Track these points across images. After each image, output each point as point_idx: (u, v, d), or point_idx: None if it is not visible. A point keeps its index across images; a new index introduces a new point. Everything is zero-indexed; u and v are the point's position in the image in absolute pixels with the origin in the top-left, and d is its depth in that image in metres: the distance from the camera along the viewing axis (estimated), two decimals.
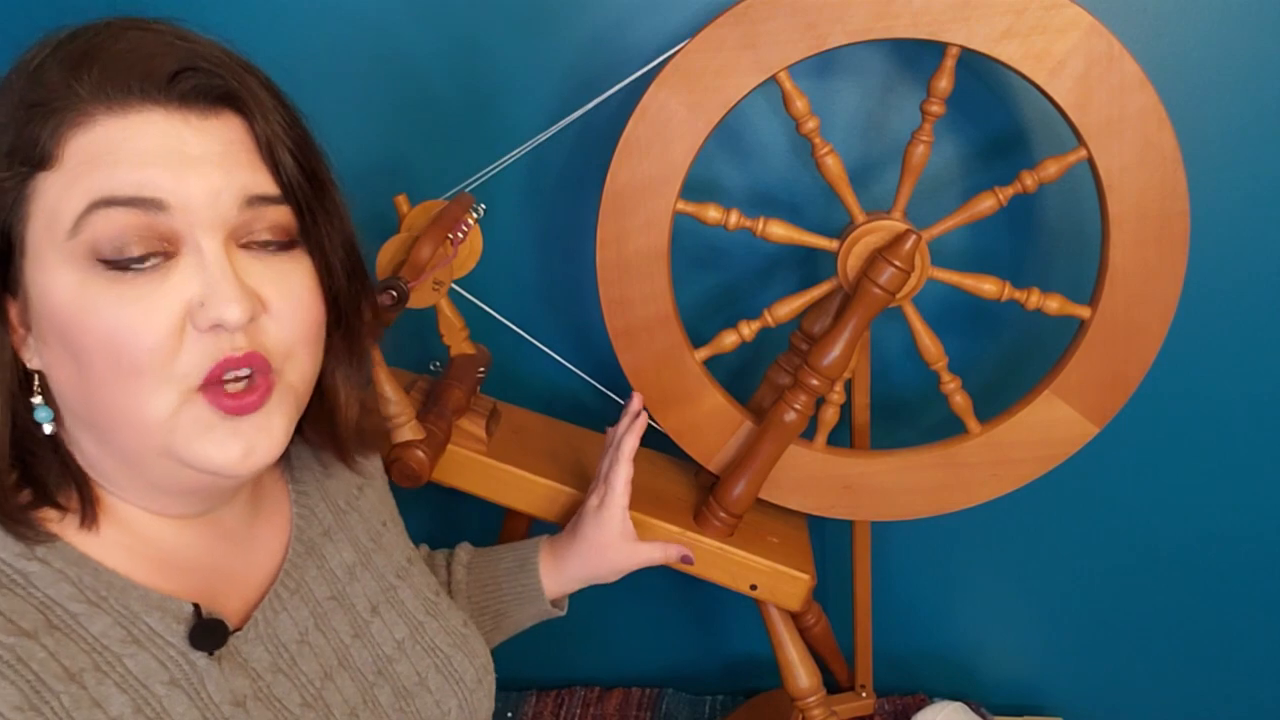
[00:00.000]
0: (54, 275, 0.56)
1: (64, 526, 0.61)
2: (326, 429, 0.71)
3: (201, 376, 0.57)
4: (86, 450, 0.62)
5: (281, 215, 0.61)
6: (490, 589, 0.96)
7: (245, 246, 0.59)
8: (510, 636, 0.99)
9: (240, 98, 0.59)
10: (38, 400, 0.60)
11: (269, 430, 0.60)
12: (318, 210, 0.63)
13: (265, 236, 0.60)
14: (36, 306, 0.58)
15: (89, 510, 0.61)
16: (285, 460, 0.76)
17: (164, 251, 0.57)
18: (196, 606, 0.62)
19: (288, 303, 0.60)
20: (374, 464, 0.86)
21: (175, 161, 0.56)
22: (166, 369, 0.56)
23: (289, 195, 0.61)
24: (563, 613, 0.98)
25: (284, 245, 0.61)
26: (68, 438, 0.62)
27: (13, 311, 0.59)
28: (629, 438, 0.96)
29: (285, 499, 0.74)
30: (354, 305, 0.67)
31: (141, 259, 0.56)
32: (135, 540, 0.63)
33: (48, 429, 0.60)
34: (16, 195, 0.57)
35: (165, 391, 0.57)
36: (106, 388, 0.57)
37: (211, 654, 0.62)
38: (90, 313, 0.56)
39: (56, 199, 0.56)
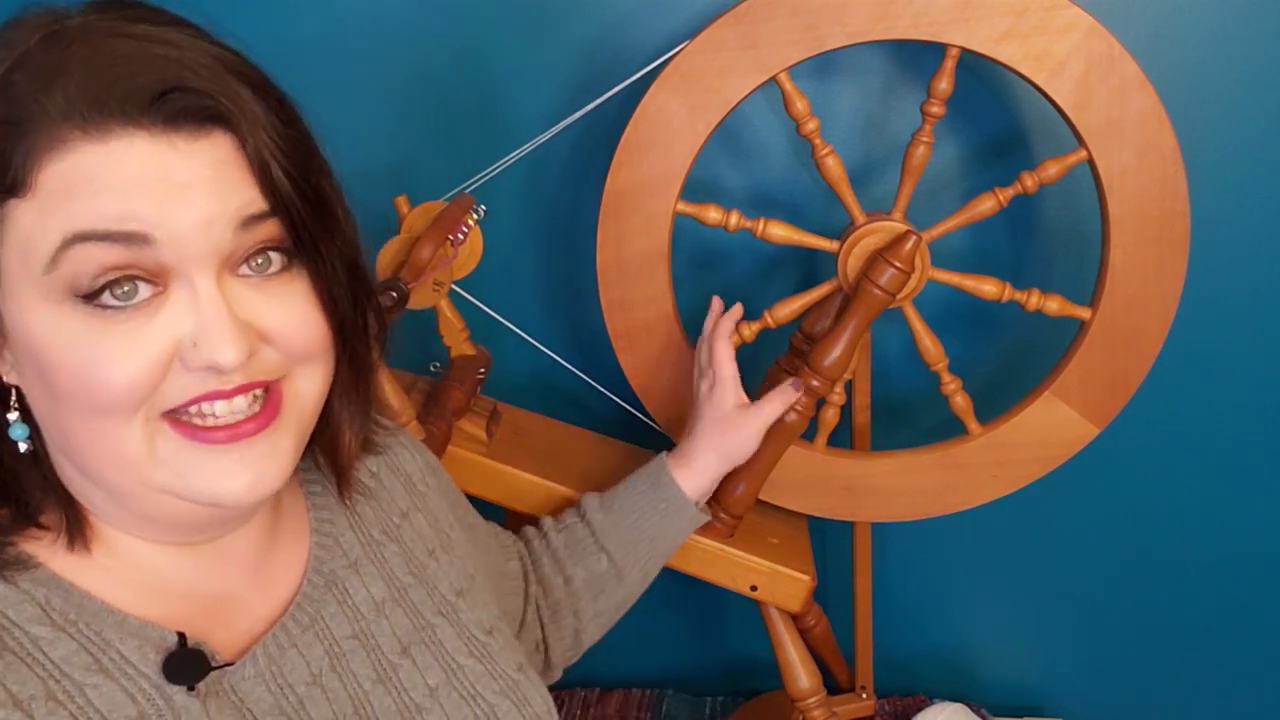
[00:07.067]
0: (30, 310, 0.52)
1: (47, 548, 0.57)
2: (329, 461, 0.66)
3: (174, 404, 0.53)
4: (71, 476, 0.57)
5: (274, 231, 0.55)
6: (634, 516, 0.95)
7: (239, 274, 0.54)
8: (668, 559, 0.98)
9: (231, 116, 0.53)
10: (13, 416, 0.55)
11: (277, 454, 0.56)
12: (315, 226, 0.56)
13: (260, 259, 0.55)
14: (11, 331, 0.53)
15: (77, 533, 0.57)
16: (308, 483, 0.70)
17: (150, 286, 0.52)
18: (182, 636, 0.57)
19: (290, 324, 0.56)
20: (435, 478, 0.79)
21: (161, 190, 0.51)
22: (143, 404, 0.53)
23: (280, 209, 0.55)
24: (709, 518, 0.98)
25: (280, 267, 0.56)
26: (51, 458, 0.57)
27: None
28: (725, 322, 0.99)
29: (306, 525, 0.68)
30: (359, 332, 0.61)
31: (126, 296, 0.51)
32: (124, 565, 0.58)
33: (23, 447, 0.56)
34: None
35: (135, 422, 0.53)
36: (83, 426, 0.53)
37: (191, 689, 0.56)
38: (68, 350, 0.51)
39: (30, 229, 0.51)
